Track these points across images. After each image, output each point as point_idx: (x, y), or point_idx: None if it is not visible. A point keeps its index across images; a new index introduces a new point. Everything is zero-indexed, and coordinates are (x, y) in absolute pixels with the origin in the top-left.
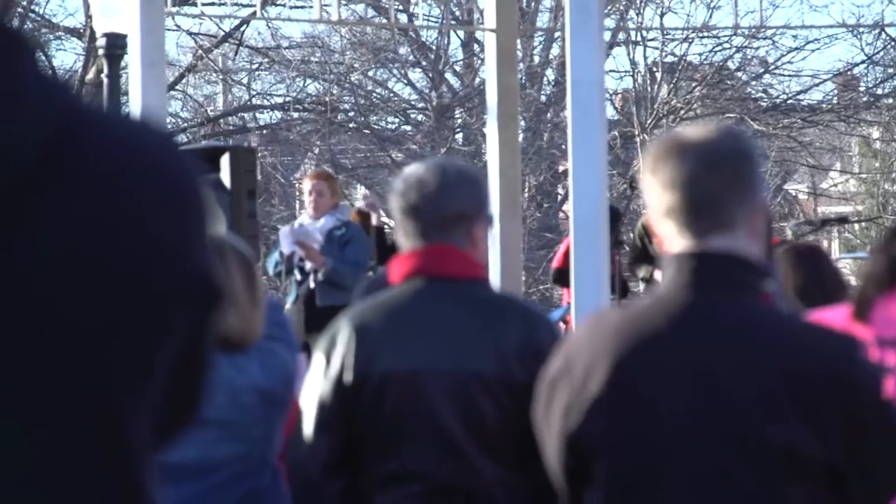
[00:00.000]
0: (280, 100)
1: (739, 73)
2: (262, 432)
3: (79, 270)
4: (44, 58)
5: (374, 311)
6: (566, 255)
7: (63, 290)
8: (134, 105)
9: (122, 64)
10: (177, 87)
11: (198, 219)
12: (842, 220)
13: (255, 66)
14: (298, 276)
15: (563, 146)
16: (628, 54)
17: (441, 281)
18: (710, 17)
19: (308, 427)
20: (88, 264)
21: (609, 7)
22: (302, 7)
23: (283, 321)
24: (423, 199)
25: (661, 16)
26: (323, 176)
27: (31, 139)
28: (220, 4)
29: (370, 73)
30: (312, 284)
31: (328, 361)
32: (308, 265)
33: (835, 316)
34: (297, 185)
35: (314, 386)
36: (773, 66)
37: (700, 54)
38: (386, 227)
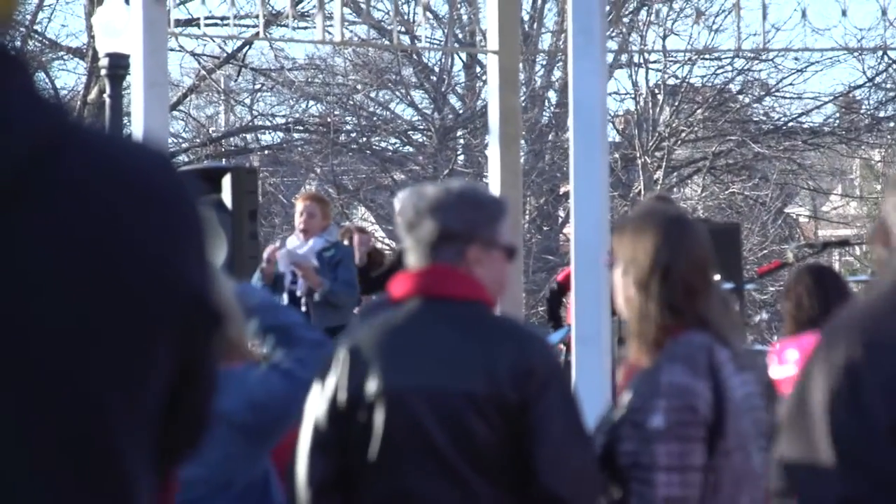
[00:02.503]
0: (282, 120)
1: (741, 96)
2: (220, 455)
3: (57, 281)
4: (45, 78)
5: (370, 332)
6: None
7: (41, 300)
8: (136, 125)
9: (125, 84)
10: (179, 108)
11: (191, 238)
12: (843, 242)
13: (257, 87)
14: (287, 301)
15: (565, 168)
16: (630, 76)
17: (438, 301)
18: (713, 39)
19: (303, 448)
20: (67, 268)
21: (611, 29)
22: (305, 28)
23: (302, 353)
24: (417, 216)
25: (664, 38)
26: (315, 198)
27: (13, 153)
28: (223, 25)
29: (372, 95)
30: (304, 308)
31: (323, 383)
32: (299, 290)
33: None
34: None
35: (311, 407)
36: (774, 89)
37: (702, 77)
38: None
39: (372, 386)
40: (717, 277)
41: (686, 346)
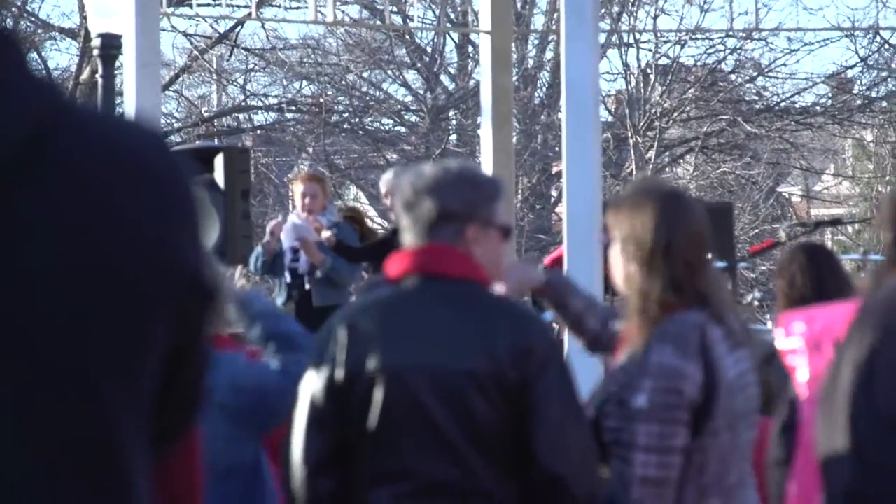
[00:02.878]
0: (275, 100)
1: (733, 76)
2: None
3: (55, 260)
4: (38, 58)
5: (368, 310)
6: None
7: (38, 284)
8: (128, 105)
9: (117, 64)
10: (171, 88)
11: (185, 217)
12: (835, 221)
13: (249, 67)
14: (289, 278)
15: (557, 148)
16: (621, 56)
17: (435, 280)
18: (704, 19)
19: (300, 425)
20: (64, 254)
21: (602, 10)
22: (297, 8)
23: (289, 336)
24: (416, 195)
25: (655, 18)
26: (315, 178)
27: (11, 132)
28: (216, 5)
29: (365, 75)
30: (308, 286)
31: (321, 359)
32: (301, 267)
33: (844, 309)
34: (290, 186)
35: (307, 384)
36: (766, 69)
37: (693, 56)
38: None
39: (371, 363)
40: (709, 256)
41: (679, 324)
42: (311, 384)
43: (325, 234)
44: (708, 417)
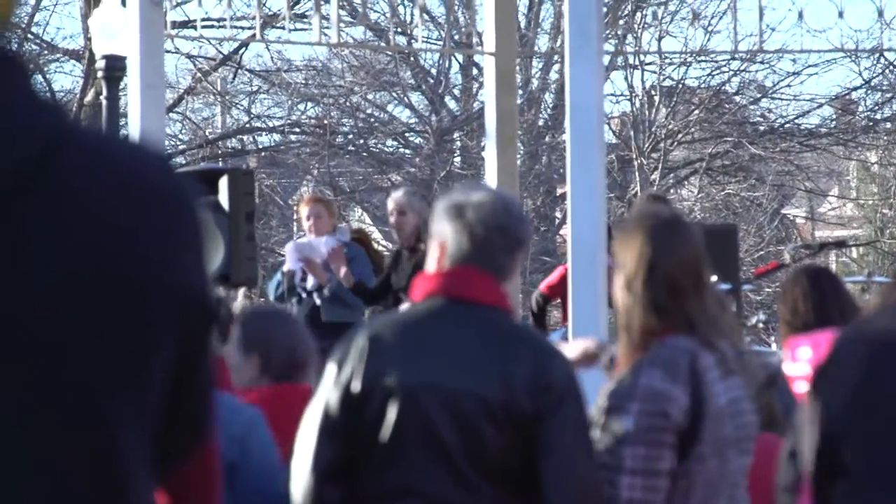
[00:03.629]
0: (279, 122)
1: (737, 97)
2: None
3: (59, 279)
4: (42, 79)
5: (390, 326)
6: (558, 283)
7: (44, 304)
8: (133, 127)
9: (122, 86)
10: (176, 110)
11: (190, 239)
12: (840, 243)
13: (254, 89)
14: (303, 294)
15: (561, 170)
16: (626, 78)
17: (461, 303)
18: (708, 40)
19: (311, 432)
20: (68, 274)
21: (607, 31)
22: (302, 30)
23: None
24: (495, 219)
25: (659, 39)
26: (319, 199)
27: (16, 153)
28: (220, 27)
29: (369, 97)
30: (318, 301)
31: (339, 369)
32: (310, 284)
33: None
34: (294, 209)
35: (323, 392)
36: (770, 90)
37: (698, 78)
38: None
39: (388, 378)
40: (713, 278)
41: (670, 350)
42: (327, 392)
43: (343, 271)
44: (694, 442)
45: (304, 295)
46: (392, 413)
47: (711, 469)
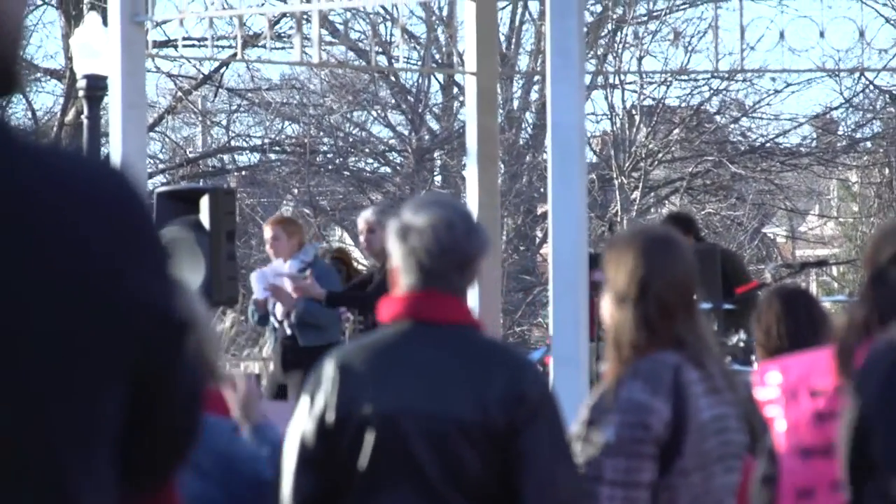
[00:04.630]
0: (259, 141)
1: (718, 117)
2: None
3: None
4: (23, 99)
5: (360, 352)
6: None
7: None
8: (114, 146)
9: (103, 105)
10: (156, 129)
11: (145, 248)
12: (821, 263)
13: (234, 108)
14: (276, 323)
15: (542, 189)
16: (606, 97)
17: (428, 325)
18: (689, 60)
19: (290, 465)
20: (10, 287)
21: (588, 51)
22: (282, 48)
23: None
24: (438, 245)
25: (640, 59)
26: (279, 221)
27: None
28: (201, 46)
29: (349, 115)
30: (289, 331)
31: (312, 400)
32: (279, 312)
33: (818, 358)
34: None
35: (298, 424)
36: (751, 109)
37: (678, 97)
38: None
39: (362, 406)
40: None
41: (651, 363)
42: (302, 424)
43: (289, 286)
44: (676, 455)
45: (276, 324)
46: (369, 441)
47: (695, 484)
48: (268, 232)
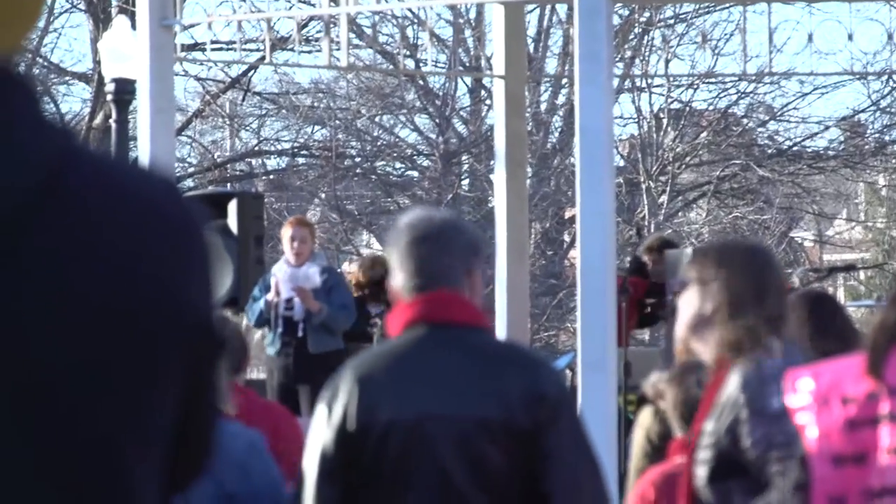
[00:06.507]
0: (287, 145)
1: (745, 120)
2: None
3: (64, 312)
4: (51, 102)
5: (376, 360)
6: None
7: (49, 331)
8: (142, 150)
9: (131, 109)
10: (184, 133)
11: (196, 265)
12: (849, 267)
13: (262, 112)
14: (282, 328)
15: (570, 192)
16: (633, 101)
17: (442, 328)
18: (716, 63)
19: (311, 476)
20: (74, 304)
21: (616, 54)
22: (310, 52)
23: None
24: (427, 246)
25: (667, 62)
26: (304, 223)
27: (23, 181)
28: (229, 50)
29: (377, 119)
30: (301, 333)
31: (330, 411)
32: (297, 315)
33: (850, 364)
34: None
35: (317, 436)
36: (779, 112)
37: (705, 100)
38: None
39: (382, 414)
40: None
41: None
42: (321, 435)
43: (315, 306)
44: None
45: (282, 328)
46: (393, 447)
47: None
48: (294, 232)
